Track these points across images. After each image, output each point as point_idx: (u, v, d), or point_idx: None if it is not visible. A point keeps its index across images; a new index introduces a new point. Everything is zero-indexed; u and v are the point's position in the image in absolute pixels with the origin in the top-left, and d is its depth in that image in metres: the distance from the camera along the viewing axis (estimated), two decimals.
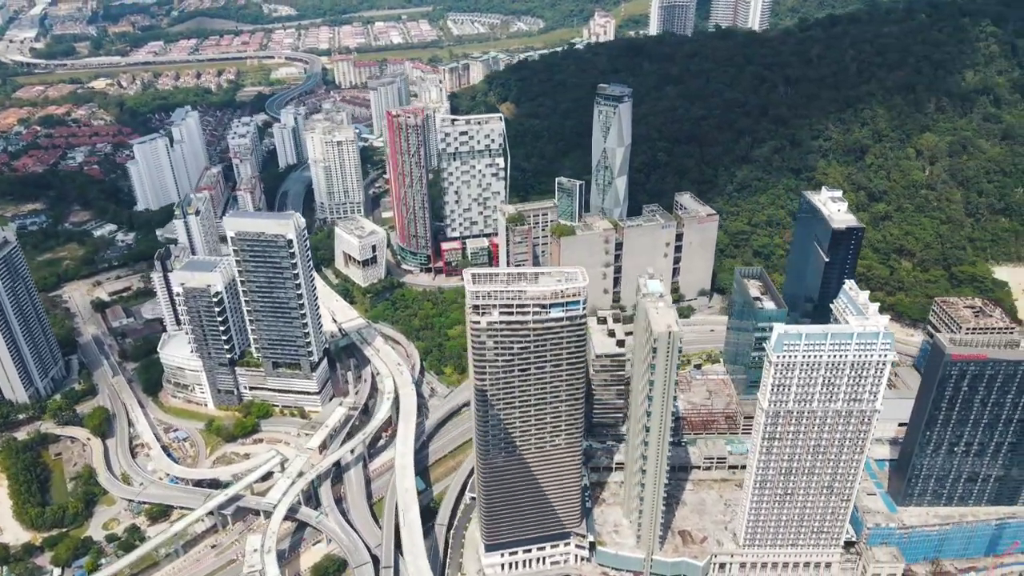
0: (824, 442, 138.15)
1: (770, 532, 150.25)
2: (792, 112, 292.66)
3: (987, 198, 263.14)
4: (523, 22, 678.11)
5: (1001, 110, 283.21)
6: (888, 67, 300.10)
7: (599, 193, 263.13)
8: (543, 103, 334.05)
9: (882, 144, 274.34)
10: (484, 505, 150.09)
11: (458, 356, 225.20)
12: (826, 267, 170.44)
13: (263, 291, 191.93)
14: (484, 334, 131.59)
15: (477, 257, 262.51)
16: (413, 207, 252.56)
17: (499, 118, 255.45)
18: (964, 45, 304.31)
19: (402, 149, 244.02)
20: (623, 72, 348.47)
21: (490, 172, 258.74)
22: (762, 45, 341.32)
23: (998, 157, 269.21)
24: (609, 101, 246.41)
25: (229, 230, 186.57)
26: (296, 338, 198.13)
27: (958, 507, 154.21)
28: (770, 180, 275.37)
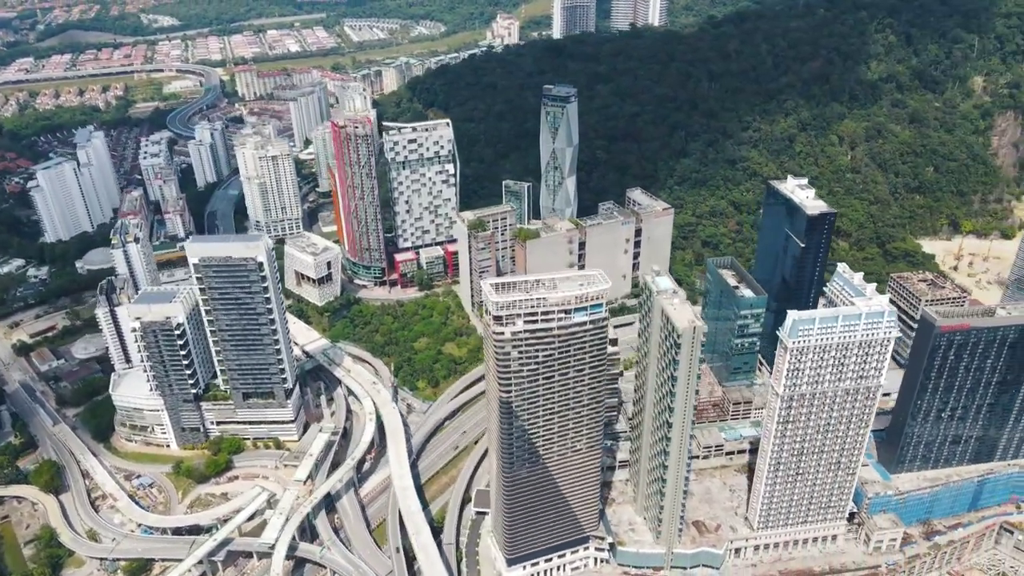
0: (833, 420, 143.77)
1: (783, 513, 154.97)
2: (720, 105, 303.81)
3: (903, 178, 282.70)
4: (423, 26, 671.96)
5: (905, 95, 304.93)
6: (801, 60, 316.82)
7: (550, 194, 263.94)
8: (475, 107, 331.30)
9: (807, 132, 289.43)
10: (506, 519, 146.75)
11: (429, 369, 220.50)
12: (802, 252, 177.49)
13: (232, 319, 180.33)
14: (508, 345, 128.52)
15: (432, 267, 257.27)
16: (365, 220, 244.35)
17: (446, 124, 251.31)
18: (865, 37, 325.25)
19: (351, 160, 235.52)
20: (549, 73, 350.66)
21: (440, 179, 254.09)
22: (680, 42, 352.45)
23: (909, 140, 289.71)
24: (556, 102, 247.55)
25: (192, 256, 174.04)
26: (269, 365, 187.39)
27: (944, 469, 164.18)
28: (707, 172, 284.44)
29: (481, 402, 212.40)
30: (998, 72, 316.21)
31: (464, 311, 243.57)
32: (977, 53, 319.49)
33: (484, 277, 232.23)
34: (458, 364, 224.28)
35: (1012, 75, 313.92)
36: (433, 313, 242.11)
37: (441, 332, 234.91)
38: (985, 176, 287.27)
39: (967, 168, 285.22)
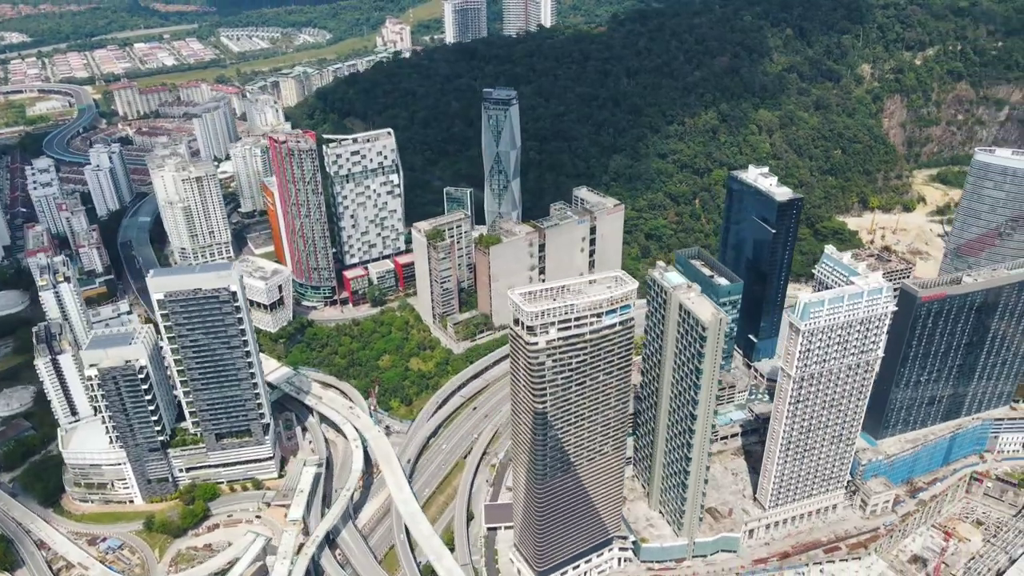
0: (837, 395, 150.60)
1: (792, 490, 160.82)
2: (643, 101, 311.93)
3: (816, 161, 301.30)
4: (307, 34, 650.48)
5: (808, 85, 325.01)
6: (711, 55, 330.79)
7: (495, 198, 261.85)
8: (397, 115, 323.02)
9: (727, 124, 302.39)
10: (537, 531, 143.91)
11: (399, 388, 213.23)
12: (773, 238, 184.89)
13: (203, 356, 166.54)
14: (543, 354, 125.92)
15: (384, 281, 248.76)
16: (312, 238, 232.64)
17: (387, 133, 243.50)
18: (764, 32, 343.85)
19: (294, 177, 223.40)
20: (466, 76, 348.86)
21: (385, 191, 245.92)
22: (592, 41, 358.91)
23: (817, 126, 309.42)
24: (498, 105, 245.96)
25: (156, 291, 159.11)
26: (245, 401, 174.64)
27: (921, 429, 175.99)
28: (640, 167, 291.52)
29: (463, 415, 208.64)
30: (882, 59, 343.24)
31: (424, 324, 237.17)
32: (863, 42, 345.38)
33: (443, 288, 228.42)
34: (427, 379, 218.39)
35: (895, 61, 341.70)
36: (392, 329, 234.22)
37: (404, 348, 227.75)
38: (886, 155, 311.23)
39: (870, 149, 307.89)
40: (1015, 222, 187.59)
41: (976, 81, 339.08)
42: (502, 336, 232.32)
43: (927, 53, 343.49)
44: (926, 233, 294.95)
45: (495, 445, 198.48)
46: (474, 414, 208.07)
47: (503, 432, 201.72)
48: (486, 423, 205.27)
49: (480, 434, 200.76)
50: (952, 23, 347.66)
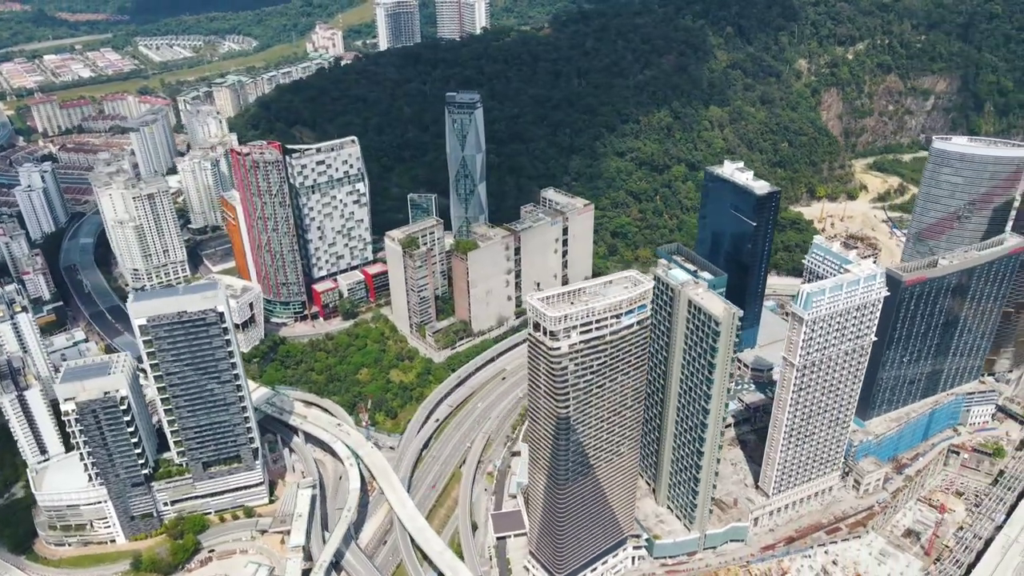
0: (835, 380, 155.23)
1: (793, 476, 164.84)
2: (597, 101, 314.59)
3: (766, 154, 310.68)
4: (232, 42, 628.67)
5: (752, 80, 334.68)
6: (658, 53, 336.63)
7: (461, 203, 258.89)
8: (349, 122, 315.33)
9: (680, 120, 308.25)
10: (557, 536, 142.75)
11: (382, 401, 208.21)
12: (754, 231, 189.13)
13: (190, 382, 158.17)
14: (565, 359, 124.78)
15: (354, 293, 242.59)
16: (281, 252, 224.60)
17: (352, 141, 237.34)
18: (705, 30, 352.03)
19: (259, 190, 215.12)
20: (416, 81, 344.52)
21: (352, 200, 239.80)
22: (539, 43, 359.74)
23: (764, 120, 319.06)
24: (463, 109, 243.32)
25: (138, 317, 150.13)
26: (234, 426, 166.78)
27: (903, 408, 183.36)
28: (600, 166, 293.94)
29: (452, 425, 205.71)
30: (817, 54, 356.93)
31: (400, 334, 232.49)
32: (798, 39, 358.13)
33: (420, 296, 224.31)
34: (410, 390, 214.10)
35: (829, 56, 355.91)
36: (367, 342, 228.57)
37: (382, 360, 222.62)
38: (829, 146, 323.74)
39: (815, 141, 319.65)
40: (972, 205, 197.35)
41: (904, 73, 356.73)
42: (482, 342, 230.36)
43: (858, 48, 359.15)
44: (871, 219, 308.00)
45: (488, 453, 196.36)
46: (464, 423, 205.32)
47: (495, 439, 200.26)
48: (476, 431, 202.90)
49: (472, 442, 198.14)
50: (879, 18, 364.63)
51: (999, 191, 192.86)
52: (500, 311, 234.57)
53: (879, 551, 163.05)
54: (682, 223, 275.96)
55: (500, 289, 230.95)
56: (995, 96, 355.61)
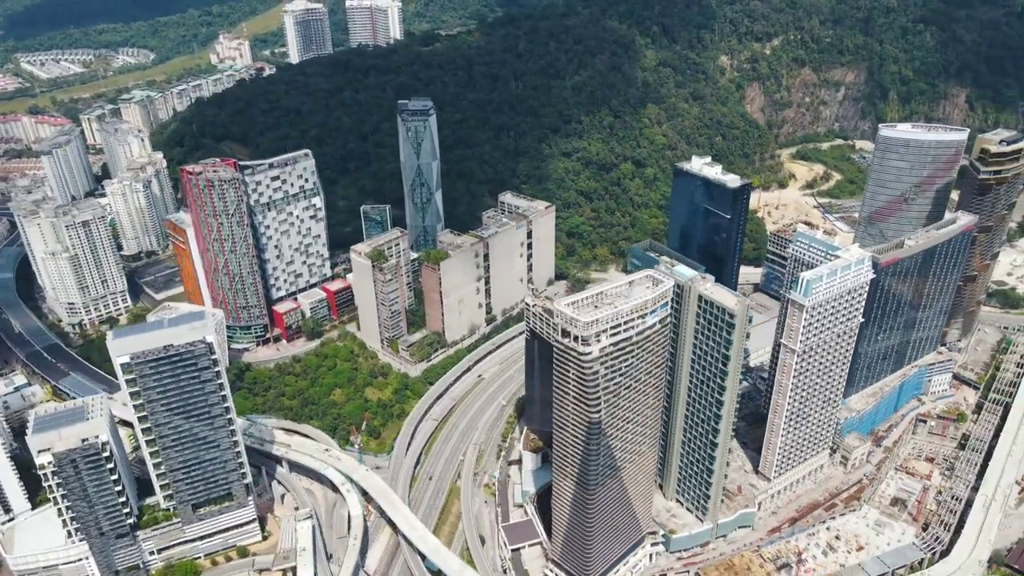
0: (828, 362, 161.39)
1: (791, 458, 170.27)
2: (538, 103, 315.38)
3: (702, 149, 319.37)
4: (127, 55, 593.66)
5: (684, 78, 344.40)
6: (590, 54, 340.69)
7: (417, 212, 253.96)
8: (284, 134, 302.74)
9: (621, 119, 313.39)
10: (587, 541, 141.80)
11: (362, 421, 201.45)
12: (728, 223, 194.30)
13: (179, 420, 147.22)
14: (596, 363, 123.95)
15: (317, 311, 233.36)
16: (240, 274, 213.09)
17: (306, 154, 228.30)
18: (633, 30, 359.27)
19: (215, 210, 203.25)
20: (348, 90, 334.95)
21: (308, 216, 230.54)
22: (471, 47, 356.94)
23: (698, 115, 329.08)
24: (417, 116, 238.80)
25: (120, 355, 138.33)
26: (226, 463, 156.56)
27: (877, 383, 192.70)
28: (548, 167, 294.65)
29: (441, 438, 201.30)
30: (737, 51, 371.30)
31: (371, 350, 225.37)
32: (719, 36, 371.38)
33: (391, 310, 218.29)
34: (389, 407, 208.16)
35: (748, 52, 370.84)
36: (337, 361, 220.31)
37: (355, 379, 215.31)
38: (759, 138, 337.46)
39: (746, 134, 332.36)
40: (918, 188, 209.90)
41: (816, 66, 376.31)
42: (456, 353, 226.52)
43: (773, 43, 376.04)
44: (804, 206, 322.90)
45: (482, 464, 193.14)
46: (451, 436, 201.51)
47: (486, 450, 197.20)
48: (466, 443, 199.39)
49: (465, 455, 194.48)
50: (790, 15, 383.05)
51: (940, 173, 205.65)
52: (472, 319, 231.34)
53: (875, 522, 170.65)
54: (635, 220, 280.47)
55: (471, 297, 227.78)
56: (898, 85, 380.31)
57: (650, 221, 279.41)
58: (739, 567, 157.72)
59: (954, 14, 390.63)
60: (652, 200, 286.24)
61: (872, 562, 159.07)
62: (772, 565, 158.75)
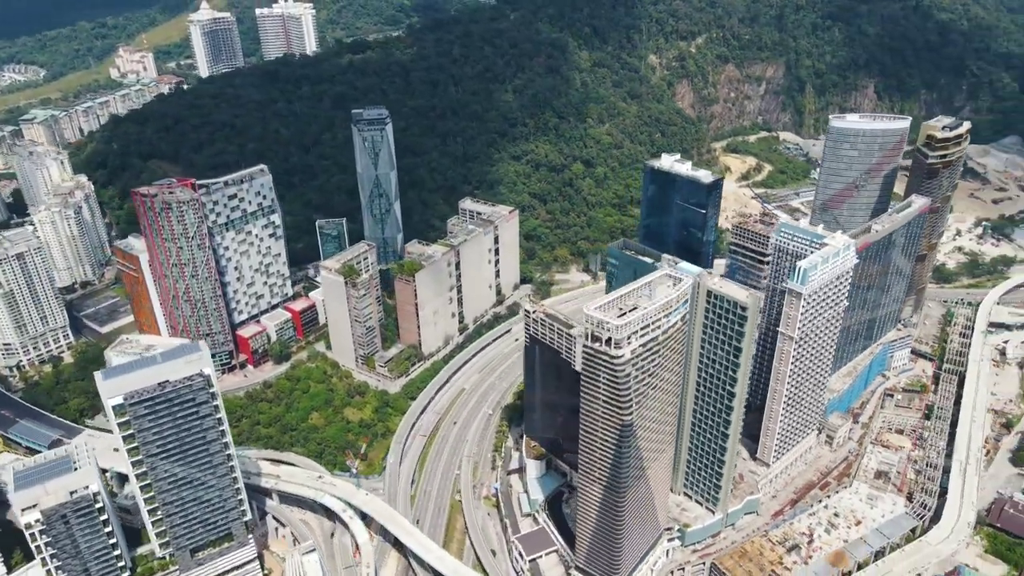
0: (819, 347, 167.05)
1: (786, 442, 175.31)
2: (481, 107, 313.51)
3: (644, 146, 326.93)
4: (14, 72, 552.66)
5: (619, 77, 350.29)
6: (527, 56, 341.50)
7: (377, 223, 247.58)
8: (221, 150, 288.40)
9: (566, 119, 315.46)
10: (616, 544, 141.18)
11: (347, 444, 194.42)
12: (704, 217, 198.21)
13: (175, 461, 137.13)
14: (628, 365, 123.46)
15: (283, 333, 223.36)
16: (203, 300, 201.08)
17: (261, 170, 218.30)
18: (565, 32, 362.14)
19: (175, 234, 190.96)
20: (281, 101, 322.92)
21: (268, 234, 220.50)
22: (404, 54, 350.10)
23: (637, 113, 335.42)
24: (373, 126, 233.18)
25: (112, 396, 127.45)
26: (226, 501, 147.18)
27: (850, 362, 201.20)
28: (498, 171, 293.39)
29: (432, 454, 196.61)
30: (665, 49, 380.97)
31: (344, 369, 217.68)
32: (646, 36, 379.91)
33: (366, 326, 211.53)
34: (371, 427, 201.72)
35: (676, 50, 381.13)
36: (310, 383, 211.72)
37: (333, 400, 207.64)
38: (696, 133, 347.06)
39: (684, 130, 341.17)
40: (867, 175, 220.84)
41: (739, 63, 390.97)
42: (432, 365, 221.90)
43: (698, 42, 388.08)
44: (742, 197, 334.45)
45: (478, 477, 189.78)
46: (442, 450, 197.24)
47: (480, 462, 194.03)
48: (458, 456, 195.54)
49: (460, 469, 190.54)
50: (710, 14, 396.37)
51: (887, 160, 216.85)
52: (446, 330, 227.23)
53: (867, 496, 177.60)
54: (591, 220, 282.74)
55: (445, 307, 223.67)
56: (813, 78, 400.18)
57: (605, 220, 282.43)
58: (752, 553, 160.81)
59: (857, 9, 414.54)
60: (605, 199, 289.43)
61: (872, 535, 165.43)
62: (782, 548, 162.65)
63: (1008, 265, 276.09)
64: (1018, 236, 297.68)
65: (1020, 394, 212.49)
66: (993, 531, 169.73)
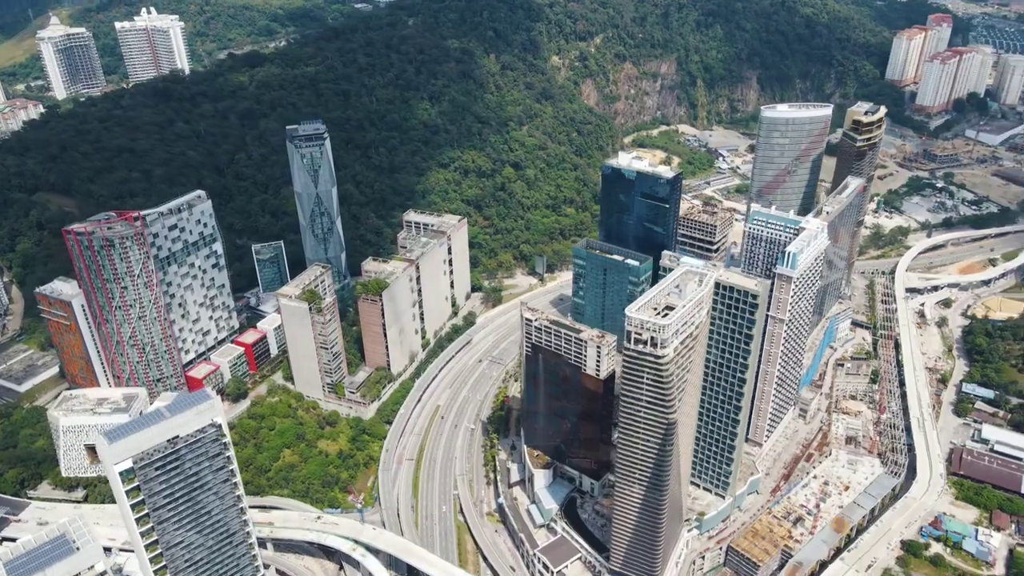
0: (799, 326, 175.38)
1: (774, 421, 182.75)
2: (399, 116, 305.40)
3: (564, 145, 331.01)
4: None
5: (530, 79, 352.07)
6: (437, 62, 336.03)
7: (319, 243, 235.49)
8: (125, 177, 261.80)
9: (487, 123, 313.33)
10: (655, 543, 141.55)
11: (332, 479, 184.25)
12: (666, 211, 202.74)
13: (188, 522, 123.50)
14: (671, 364, 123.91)
15: (237, 369, 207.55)
16: (152, 342, 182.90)
17: (200, 195, 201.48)
18: (471, 36, 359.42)
19: (119, 274, 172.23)
20: (179, 121, 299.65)
21: (210, 265, 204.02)
22: (307, 64, 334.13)
23: (554, 114, 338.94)
24: (311, 142, 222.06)
25: (120, 461, 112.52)
26: (239, 560, 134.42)
27: (808, 336, 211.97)
28: (428, 180, 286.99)
29: (424, 476, 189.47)
30: (566, 50, 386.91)
31: (310, 400, 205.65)
32: (547, 37, 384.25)
33: (332, 352, 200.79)
34: (349, 459, 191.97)
35: (576, 50, 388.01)
36: (276, 420, 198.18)
37: (304, 434, 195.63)
38: (609, 131, 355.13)
39: (598, 128, 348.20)
40: (797, 160, 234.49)
41: (636, 60, 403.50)
42: (403, 385, 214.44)
43: (596, 41, 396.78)
44: None
45: (475, 494, 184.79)
46: (433, 471, 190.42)
47: (473, 479, 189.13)
48: (450, 475, 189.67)
49: (456, 489, 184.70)
50: (604, 14, 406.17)
51: (814, 145, 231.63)
52: (411, 348, 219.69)
53: (847, 462, 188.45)
54: (528, 222, 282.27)
55: (409, 324, 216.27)
56: (702, 73, 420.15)
57: (543, 221, 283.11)
58: (762, 531, 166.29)
59: (733, 5, 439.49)
60: (539, 201, 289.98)
61: (863, 497, 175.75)
62: (788, 522, 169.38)
63: (904, 235, 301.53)
64: (907, 208, 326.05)
65: (945, 350, 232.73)
66: (958, 479, 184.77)
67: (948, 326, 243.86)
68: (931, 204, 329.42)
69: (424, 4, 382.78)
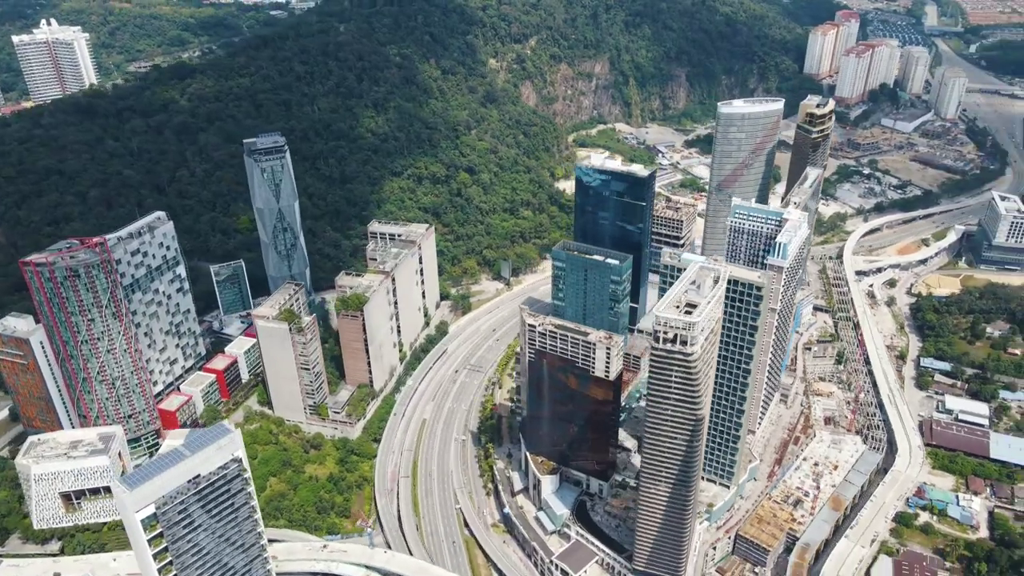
0: (786, 313, 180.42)
1: (764, 408, 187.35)
2: (345, 125, 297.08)
3: (512, 148, 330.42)
4: None
5: (472, 83, 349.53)
6: (378, 68, 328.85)
7: (283, 260, 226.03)
8: (58, 201, 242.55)
9: (437, 130, 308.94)
10: (681, 540, 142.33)
11: (326, 504, 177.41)
12: (643, 209, 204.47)
13: (211, 564, 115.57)
14: (699, 361, 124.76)
15: (210, 397, 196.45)
16: (122, 377, 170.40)
17: (161, 216, 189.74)
18: (408, 40, 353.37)
19: (83, 305, 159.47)
20: (109, 139, 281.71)
21: (175, 289, 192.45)
22: (241, 75, 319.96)
23: (500, 117, 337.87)
24: (271, 155, 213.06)
25: (142, 506, 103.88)
26: None
27: None
28: (381, 189, 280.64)
29: (422, 492, 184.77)
30: (503, 53, 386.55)
31: (291, 424, 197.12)
32: (483, 40, 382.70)
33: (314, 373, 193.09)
34: (340, 481, 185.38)
35: (513, 53, 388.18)
36: (258, 448, 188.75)
37: (290, 460, 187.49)
38: (554, 132, 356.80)
39: (544, 129, 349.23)
40: (753, 154, 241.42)
41: (571, 61, 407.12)
42: (385, 401, 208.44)
43: (531, 43, 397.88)
44: None
45: (476, 505, 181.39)
46: (431, 487, 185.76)
47: (473, 490, 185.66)
48: (448, 489, 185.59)
49: (458, 503, 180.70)
50: (536, 16, 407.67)
51: (768, 138, 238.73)
52: (391, 362, 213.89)
53: (831, 442, 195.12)
54: (488, 227, 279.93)
55: (387, 338, 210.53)
56: (634, 71, 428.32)
57: (502, 225, 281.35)
58: (766, 516, 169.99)
59: (658, 5, 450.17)
60: (497, 205, 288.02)
61: (853, 475, 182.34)
62: (788, 505, 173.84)
63: (843, 221, 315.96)
64: (840, 195, 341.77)
65: (897, 328, 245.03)
66: (932, 449, 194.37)
67: (897, 305, 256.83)
68: (861, 190, 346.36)
69: (354, 10, 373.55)
